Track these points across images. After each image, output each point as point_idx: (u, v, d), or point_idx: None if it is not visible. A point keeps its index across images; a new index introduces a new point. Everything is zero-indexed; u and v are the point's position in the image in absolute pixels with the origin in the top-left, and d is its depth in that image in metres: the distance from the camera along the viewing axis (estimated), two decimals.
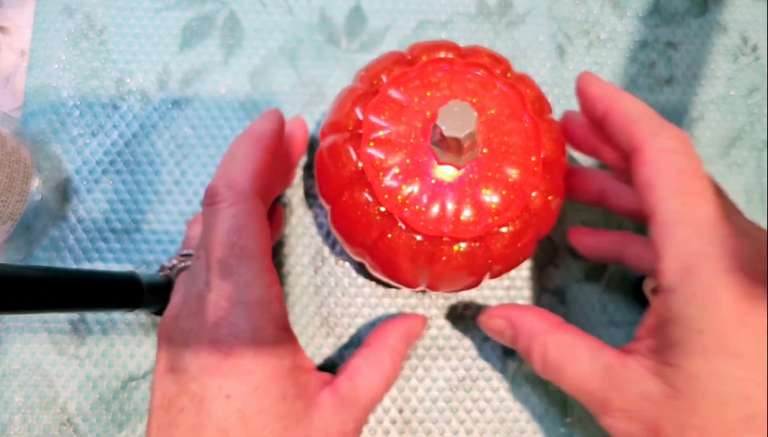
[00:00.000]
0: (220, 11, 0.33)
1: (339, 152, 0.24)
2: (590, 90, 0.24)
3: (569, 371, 0.22)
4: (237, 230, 0.21)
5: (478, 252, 0.23)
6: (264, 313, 0.21)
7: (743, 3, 0.35)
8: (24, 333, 0.29)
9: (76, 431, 0.28)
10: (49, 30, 0.32)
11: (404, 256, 0.24)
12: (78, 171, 0.31)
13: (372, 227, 0.23)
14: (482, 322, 0.27)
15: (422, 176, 0.23)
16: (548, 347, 0.23)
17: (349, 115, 0.25)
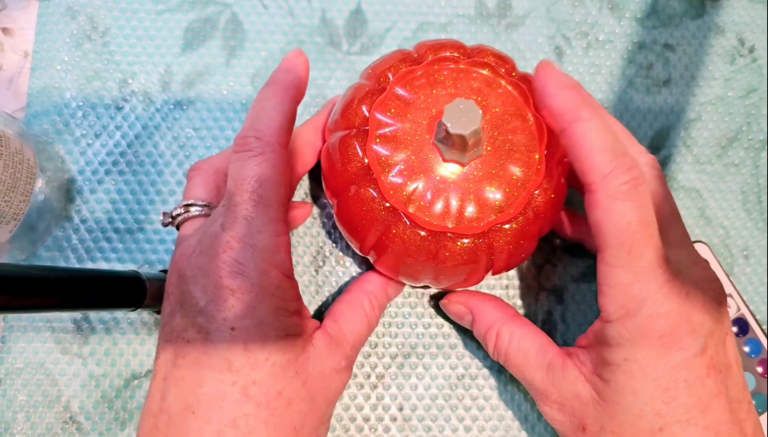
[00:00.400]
0: (222, 13, 0.33)
1: (346, 147, 0.24)
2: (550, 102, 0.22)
3: (517, 360, 0.25)
4: (258, 179, 0.22)
5: (480, 248, 0.24)
6: (271, 258, 0.22)
7: (740, 5, 0.35)
8: (27, 332, 0.29)
9: (79, 429, 0.28)
10: (52, 32, 0.32)
11: (408, 251, 0.24)
12: (81, 172, 0.31)
13: (377, 222, 0.24)
14: (443, 305, 0.29)
15: (427, 173, 0.24)
16: (501, 336, 0.26)
17: (356, 112, 0.25)
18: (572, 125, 0.22)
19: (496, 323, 0.27)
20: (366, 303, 0.27)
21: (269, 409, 0.21)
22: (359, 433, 0.29)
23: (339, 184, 0.25)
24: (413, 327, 0.30)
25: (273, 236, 0.22)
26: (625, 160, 0.21)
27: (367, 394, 0.29)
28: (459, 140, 0.22)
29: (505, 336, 0.26)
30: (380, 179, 0.23)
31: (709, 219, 0.33)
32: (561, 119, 0.22)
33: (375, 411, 0.29)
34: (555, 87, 0.22)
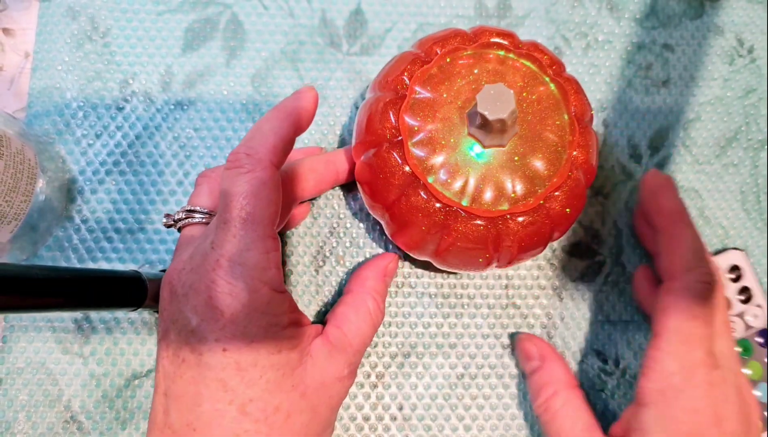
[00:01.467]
0: (223, 14, 0.33)
1: (384, 161, 0.25)
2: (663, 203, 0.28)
3: (562, 426, 0.26)
4: (247, 196, 0.22)
5: (489, 234, 0.24)
6: (260, 275, 0.22)
7: (739, 5, 0.35)
8: (28, 332, 0.29)
9: (80, 428, 0.28)
10: (53, 32, 0.32)
11: (420, 220, 0.24)
12: (82, 172, 0.31)
13: (395, 186, 0.24)
14: (520, 339, 0.30)
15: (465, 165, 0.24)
16: (558, 397, 0.27)
17: (383, 124, 0.25)
18: (677, 225, 0.27)
19: (559, 382, 0.28)
20: (370, 303, 0.27)
21: (268, 424, 0.21)
22: (359, 433, 0.29)
23: (387, 196, 0.25)
24: (413, 327, 0.30)
25: (262, 254, 0.22)
26: (709, 266, 0.25)
27: (367, 393, 0.30)
28: (498, 124, 0.22)
29: (561, 399, 0.27)
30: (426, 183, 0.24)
31: (708, 219, 0.33)
32: (668, 218, 0.27)
33: (375, 411, 0.29)
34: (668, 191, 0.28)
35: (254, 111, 0.32)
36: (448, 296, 0.31)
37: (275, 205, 0.23)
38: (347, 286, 0.28)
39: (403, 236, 0.26)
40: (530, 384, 0.29)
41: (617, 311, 0.31)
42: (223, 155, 0.31)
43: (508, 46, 0.26)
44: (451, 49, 0.26)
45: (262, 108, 0.32)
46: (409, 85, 0.25)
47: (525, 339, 0.29)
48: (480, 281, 0.31)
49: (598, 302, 0.31)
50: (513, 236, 0.24)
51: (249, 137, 0.23)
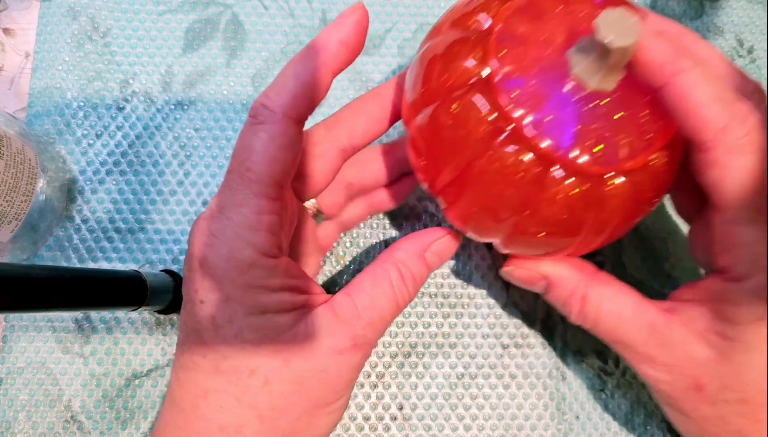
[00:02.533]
0: (223, 14, 0.33)
1: (460, 111, 0.20)
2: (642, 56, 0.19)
3: (610, 324, 0.23)
4: (249, 151, 0.20)
5: (590, 197, 0.20)
6: (245, 234, 0.20)
7: (739, 5, 0.35)
8: (29, 332, 0.29)
9: (80, 428, 0.28)
10: (53, 32, 0.32)
11: (505, 182, 0.20)
12: (82, 172, 0.31)
13: (474, 141, 0.20)
14: (507, 272, 0.25)
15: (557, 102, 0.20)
16: (589, 299, 0.23)
17: (458, 68, 0.20)
18: (673, 79, 0.19)
19: (579, 285, 0.23)
20: (393, 274, 0.23)
21: (241, 387, 0.20)
22: (359, 432, 0.29)
23: (458, 157, 0.21)
24: (413, 327, 0.30)
25: (253, 213, 0.20)
26: (739, 108, 0.19)
27: (367, 393, 0.30)
28: (618, 55, 0.19)
29: (593, 299, 0.23)
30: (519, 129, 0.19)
31: None
32: (658, 74, 0.19)
33: (375, 410, 0.29)
34: (647, 39, 0.19)
35: None
36: (448, 296, 0.31)
37: (281, 164, 0.20)
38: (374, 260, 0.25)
39: (471, 210, 0.22)
40: (551, 302, 0.25)
41: None
42: (223, 154, 0.31)
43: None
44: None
45: None
46: (493, 21, 0.21)
47: (514, 269, 0.25)
48: (480, 281, 0.31)
49: None
50: (614, 201, 0.20)
51: (270, 85, 0.21)
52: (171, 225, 0.31)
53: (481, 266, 0.31)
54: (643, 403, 0.30)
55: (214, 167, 0.31)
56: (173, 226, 0.31)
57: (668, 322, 0.22)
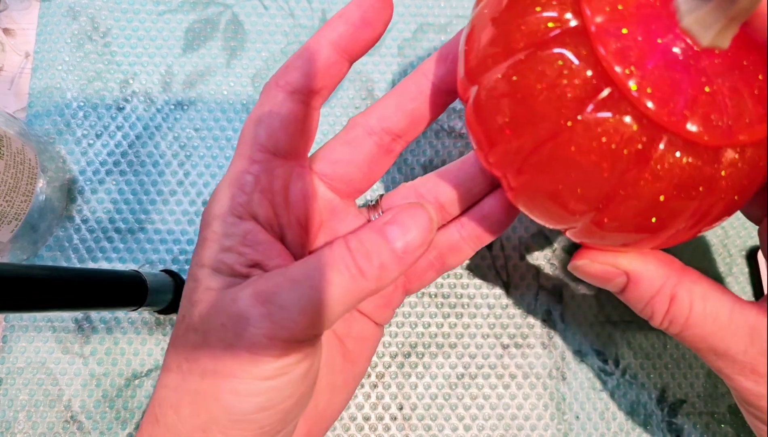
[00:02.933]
0: (223, 14, 0.33)
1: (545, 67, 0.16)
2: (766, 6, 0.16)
3: (704, 328, 0.20)
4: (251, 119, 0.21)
5: (699, 174, 0.16)
6: (220, 189, 0.21)
7: None
8: (29, 332, 0.29)
9: (80, 428, 0.28)
10: (53, 32, 0.32)
11: (602, 154, 0.16)
12: (82, 172, 0.31)
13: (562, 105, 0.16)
14: (578, 267, 0.22)
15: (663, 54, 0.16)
16: (679, 299, 0.20)
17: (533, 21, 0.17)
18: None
19: (667, 283, 0.20)
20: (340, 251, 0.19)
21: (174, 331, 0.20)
22: (359, 432, 0.29)
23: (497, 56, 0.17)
24: (413, 327, 0.30)
25: (233, 170, 0.21)
26: None
27: (367, 393, 0.30)
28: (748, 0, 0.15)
29: (684, 299, 0.20)
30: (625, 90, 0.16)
31: None
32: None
33: (375, 411, 0.29)
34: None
35: None
36: (448, 296, 0.31)
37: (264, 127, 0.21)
38: None
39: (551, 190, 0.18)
40: (628, 303, 0.22)
41: (618, 312, 0.31)
42: (223, 154, 0.31)
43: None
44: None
45: None
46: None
47: (588, 263, 0.21)
48: (480, 281, 0.31)
49: (599, 302, 0.31)
50: (724, 183, 0.17)
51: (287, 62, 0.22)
52: (171, 225, 0.31)
53: (481, 265, 0.31)
54: (643, 403, 0.30)
55: (214, 167, 0.31)
56: (173, 226, 0.31)
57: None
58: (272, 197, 0.22)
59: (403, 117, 0.23)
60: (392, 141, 0.24)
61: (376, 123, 0.23)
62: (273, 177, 0.22)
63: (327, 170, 0.24)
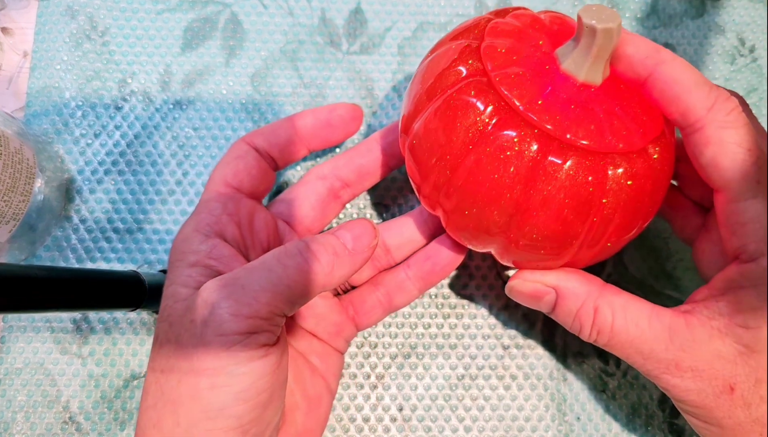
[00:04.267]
0: (222, 13, 0.33)
1: (458, 107, 0.21)
2: (626, 49, 0.21)
3: (628, 335, 0.22)
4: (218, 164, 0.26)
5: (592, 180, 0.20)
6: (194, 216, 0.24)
7: (741, 4, 0.35)
8: (27, 332, 0.29)
9: (79, 429, 0.28)
10: (51, 31, 0.32)
11: (504, 165, 0.20)
12: (81, 171, 0.31)
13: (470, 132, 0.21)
14: (512, 288, 0.25)
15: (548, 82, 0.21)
16: (601, 312, 0.22)
17: (459, 67, 0.22)
18: (658, 67, 0.20)
19: (589, 297, 0.23)
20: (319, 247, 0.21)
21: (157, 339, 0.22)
22: (359, 433, 0.29)
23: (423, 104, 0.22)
24: (413, 327, 0.30)
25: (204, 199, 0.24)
26: (721, 90, 0.20)
27: (367, 394, 0.29)
28: (604, 37, 0.19)
29: (606, 311, 0.22)
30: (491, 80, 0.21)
31: None
32: (644, 65, 0.21)
33: (375, 412, 0.29)
34: (628, 35, 0.21)
35: (253, 110, 0.32)
36: (448, 297, 0.31)
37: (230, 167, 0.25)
38: None
39: (469, 211, 0.22)
40: (558, 320, 0.24)
41: None
42: (221, 154, 0.31)
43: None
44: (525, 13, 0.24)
45: (261, 107, 0.32)
46: (487, 30, 0.22)
47: (520, 282, 0.24)
48: (480, 282, 0.31)
49: None
50: (616, 189, 0.20)
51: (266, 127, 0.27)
52: (169, 225, 0.30)
53: (482, 266, 0.31)
54: (644, 404, 0.30)
55: (213, 166, 0.31)
56: (171, 226, 0.30)
57: (688, 323, 0.21)
58: (239, 220, 0.25)
59: (353, 170, 0.28)
60: (341, 188, 0.28)
61: (329, 171, 0.28)
62: (239, 205, 0.25)
63: (283, 209, 0.28)
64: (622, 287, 0.31)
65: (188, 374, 0.20)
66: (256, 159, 0.26)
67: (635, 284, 0.31)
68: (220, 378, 0.19)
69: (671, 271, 0.31)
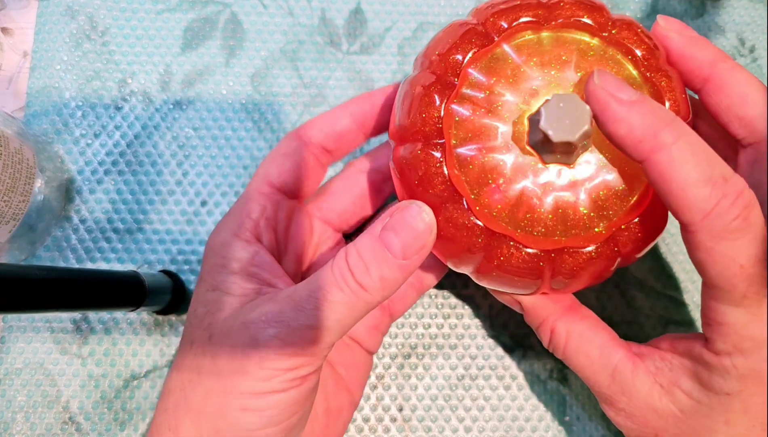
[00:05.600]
0: (222, 13, 0.33)
1: (421, 163, 0.20)
2: (616, 129, 0.17)
3: (578, 361, 0.22)
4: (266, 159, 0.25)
5: (542, 268, 0.20)
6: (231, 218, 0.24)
7: (741, 4, 0.35)
8: (27, 332, 0.29)
9: (79, 430, 0.28)
10: (51, 31, 0.32)
11: (459, 239, 0.20)
12: (80, 172, 0.31)
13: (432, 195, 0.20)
14: (494, 294, 0.26)
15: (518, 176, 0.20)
16: (557, 333, 0.23)
17: (426, 116, 0.20)
18: (653, 156, 0.17)
19: (549, 318, 0.23)
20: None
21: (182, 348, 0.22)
22: (359, 434, 0.29)
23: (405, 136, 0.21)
24: (413, 328, 0.30)
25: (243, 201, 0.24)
26: (729, 187, 0.17)
27: (367, 395, 0.29)
28: (563, 146, 0.18)
29: (561, 333, 0.23)
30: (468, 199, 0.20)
31: None
32: (637, 150, 0.17)
33: (375, 412, 0.29)
34: (620, 107, 0.17)
35: (253, 110, 0.32)
36: (448, 297, 0.31)
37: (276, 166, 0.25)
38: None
39: (438, 248, 0.22)
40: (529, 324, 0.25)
41: (619, 313, 0.31)
42: (222, 154, 0.31)
43: (594, 29, 0.20)
44: (520, 28, 0.20)
45: (261, 107, 0.32)
46: (462, 70, 0.20)
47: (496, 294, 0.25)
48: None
49: (600, 303, 0.31)
50: (570, 271, 0.20)
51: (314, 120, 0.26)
52: (169, 225, 0.30)
53: None
54: None
55: (213, 166, 0.31)
56: (171, 226, 0.30)
57: (634, 369, 0.21)
58: (276, 225, 0.24)
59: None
60: (382, 181, 0.27)
61: (370, 164, 0.27)
62: (278, 209, 0.24)
63: (323, 204, 0.27)
64: (622, 288, 0.31)
65: (219, 390, 0.19)
66: (304, 156, 0.25)
67: (636, 284, 0.31)
68: (253, 401, 0.19)
69: (672, 272, 0.31)
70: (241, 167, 0.31)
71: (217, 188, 0.31)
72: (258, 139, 0.32)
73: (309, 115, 0.32)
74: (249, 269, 0.22)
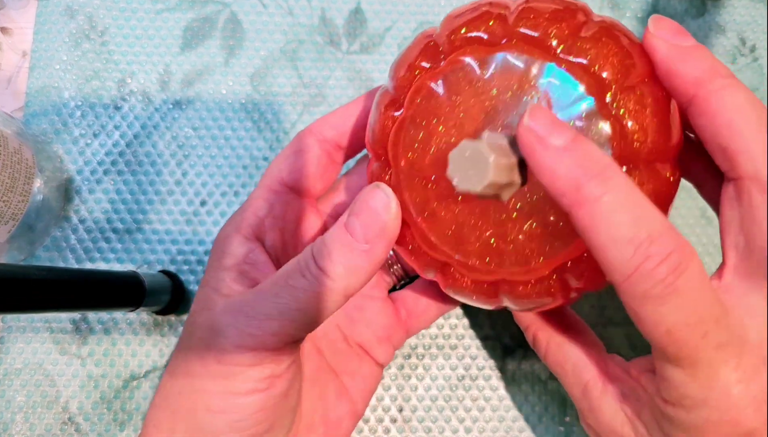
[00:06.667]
0: (221, 12, 0.33)
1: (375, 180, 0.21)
2: (545, 178, 0.16)
3: (555, 369, 0.23)
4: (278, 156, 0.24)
5: (489, 292, 0.21)
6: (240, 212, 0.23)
7: (741, 4, 0.35)
8: (26, 333, 0.29)
9: (78, 430, 0.28)
10: (50, 31, 0.32)
11: (414, 260, 0.21)
12: (80, 171, 0.31)
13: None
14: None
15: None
16: (538, 340, 0.24)
17: (382, 135, 0.21)
18: (574, 210, 0.16)
19: (532, 325, 0.24)
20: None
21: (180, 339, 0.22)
22: (359, 434, 0.29)
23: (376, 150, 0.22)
24: None
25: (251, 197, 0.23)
26: (654, 249, 0.15)
27: None
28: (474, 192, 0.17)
29: (542, 342, 0.23)
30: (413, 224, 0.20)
31: (710, 219, 0.33)
32: (560, 201, 0.16)
33: (375, 412, 0.29)
34: (545, 154, 0.16)
35: (253, 110, 0.32)
36: None
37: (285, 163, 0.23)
38: None
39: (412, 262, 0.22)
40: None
41: (620, 313, 0.31)
42: (221, 154, 0.31)
43: (551, 49, 0.18)
44: (474, 48, 0.19)
45: (261, 107, 0.32)
46: (410, 93, 0.20)
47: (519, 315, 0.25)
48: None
49: (601, 303, 0.31)
50: (516, 297, 0.20)
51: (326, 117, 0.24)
52: (169, 225, 0.30)
53: None
54: None
55: (212, 166, 0.31)
56: (171, 226, 0.30)
57: (603, 390, 0.21)
58: (284, 224, 0.23)
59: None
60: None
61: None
62: (287, 208, 0.24)
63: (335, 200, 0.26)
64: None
65: (189, 389, 0.19)
66: (318, 155, 0.24)
67: None
68: (216, 401, 0.18)
69: None
70: (240, 166, 0.31)
71: (216, 187, 0.31)
72: (257, 139, 0.32)
73: (309, 115, 0.32)
74: (241, 267, 0.21)
